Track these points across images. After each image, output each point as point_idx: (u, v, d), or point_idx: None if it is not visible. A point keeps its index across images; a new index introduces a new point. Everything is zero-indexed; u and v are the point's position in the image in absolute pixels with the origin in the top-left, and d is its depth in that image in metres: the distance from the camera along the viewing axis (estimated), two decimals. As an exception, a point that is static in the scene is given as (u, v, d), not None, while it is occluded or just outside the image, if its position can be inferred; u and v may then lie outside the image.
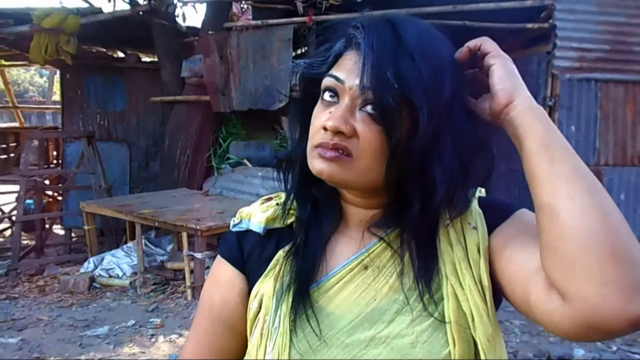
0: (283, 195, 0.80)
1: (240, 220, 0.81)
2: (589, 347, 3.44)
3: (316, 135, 0.69)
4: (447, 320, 0.66)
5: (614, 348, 3.45)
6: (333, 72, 0.70)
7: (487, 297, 0.67)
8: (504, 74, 0.67)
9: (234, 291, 0.78)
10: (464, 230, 0.71)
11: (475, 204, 0.74)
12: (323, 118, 0.69)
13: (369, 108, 0.67)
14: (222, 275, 0.80)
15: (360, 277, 0.72)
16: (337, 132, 0.66)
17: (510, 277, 0.66)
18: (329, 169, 0.67)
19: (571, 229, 0.56)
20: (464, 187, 0.69)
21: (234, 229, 0.82)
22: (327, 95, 0.70)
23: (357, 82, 0.66)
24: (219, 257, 0.82)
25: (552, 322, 0.59)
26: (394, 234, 0.73)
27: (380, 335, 0.67)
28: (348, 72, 0.68)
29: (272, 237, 0.79)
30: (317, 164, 0.68)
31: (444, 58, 0.69)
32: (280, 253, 0.76)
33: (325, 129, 0.67)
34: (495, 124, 0.69)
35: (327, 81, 0.70)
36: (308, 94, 0.75)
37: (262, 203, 0.83)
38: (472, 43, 0.71)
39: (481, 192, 0.78)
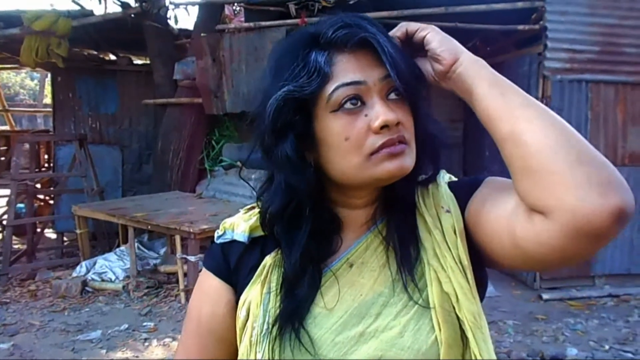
0: None
1: (224, 232, 0.81)
2: (582, 347, 3.45)
3: (366, 142, 0.68)
4: (431, 305, 0.68)
5: (607, 347, 3.47)
6: (344, 80, 0.68)
7: (469, 276, 0.69)
8: (442, 37, 0.71)
9: (222, 303, 0.79)
10: (439, 215, 0.73)
11: (446, 189, 0.77)
12: (360, 124, 0.68)
13: (392, 95, 0.70)
14: (209, 287, 0.80)
15: (345, 275, 0.73)
16: (395, 125, 0.67)
17: (493, 228, 0.67)
18: (404, 162, 0.69)
19: (536, 145, 0.60)
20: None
21: (218, 241, 0.82)
22: (349, 104, 0.68)
23: (377, 75, 0.69)
24: (204, 269, 0.82)
25: (542, 245, 0.60)
26: (382, 225, 0.75)
27: (370, 330, 0.68)
28: (361, 71, 0.68)
29: (256, 245, 0.79)
30: (390, 165, 0.68)
31: None
32: (267, 259, 0.76)
33: (384, 127, 0.67)
34: (439, 85, 0.73)
35: (345, 90, 0.68)
36: (296, 120, 0.69)
37: (245, 212, 0.83)
38: (397, 31, 0.74)
39: (451, 178, 0.80)
